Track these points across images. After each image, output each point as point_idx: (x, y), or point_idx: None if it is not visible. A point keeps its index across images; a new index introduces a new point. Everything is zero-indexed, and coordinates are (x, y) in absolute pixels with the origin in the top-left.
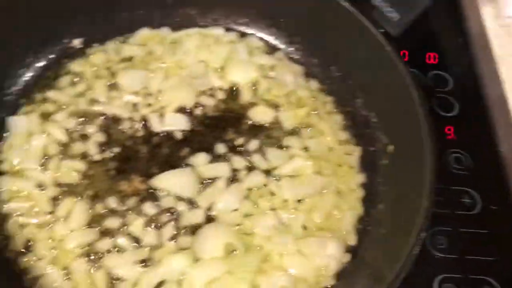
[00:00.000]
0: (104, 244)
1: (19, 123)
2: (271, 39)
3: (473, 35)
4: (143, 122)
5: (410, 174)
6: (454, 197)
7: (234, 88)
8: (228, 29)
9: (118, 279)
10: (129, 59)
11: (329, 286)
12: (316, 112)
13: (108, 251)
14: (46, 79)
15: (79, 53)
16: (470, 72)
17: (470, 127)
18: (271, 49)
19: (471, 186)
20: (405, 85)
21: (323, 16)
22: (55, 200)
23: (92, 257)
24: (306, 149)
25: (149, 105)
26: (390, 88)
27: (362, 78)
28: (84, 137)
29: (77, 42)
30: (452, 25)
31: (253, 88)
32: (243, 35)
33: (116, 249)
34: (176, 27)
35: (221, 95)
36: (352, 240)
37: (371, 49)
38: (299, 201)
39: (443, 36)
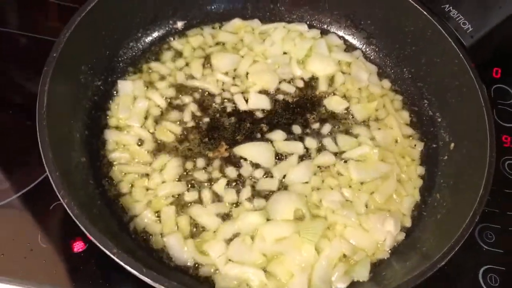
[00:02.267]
0: (191, 196)
1: (126, 86)
2: (350, 38)
3: None
4: (231, 99)
5: (468, 169)
6: (506, 200)
7: (313, 79)
8: (311, 26)
9: (200, 226)
10: (222, 43)
11: (384, 259)
12: (385, 107)
13: (194, 203)
14: (151, 53)
15: (181, 34)
16: None
17: None
18: (349, 48)
19: None
20: (474, 91)
21: (400, 21)
22: (152, 154)
23: (180, 206)
24: (373, 138)
25: (237, 85)
26: (457, 92)
27: (432, 81)
28: (180, 105)
29: (180, 24)
30: None
31: (330, 80)
32: (324, 32)
33: (201, 201)
34: (265, 20)
35: (300, 84)
36: (408, 223)
37: (444, 55)
38: (362, 183)
39: (509, 52)
